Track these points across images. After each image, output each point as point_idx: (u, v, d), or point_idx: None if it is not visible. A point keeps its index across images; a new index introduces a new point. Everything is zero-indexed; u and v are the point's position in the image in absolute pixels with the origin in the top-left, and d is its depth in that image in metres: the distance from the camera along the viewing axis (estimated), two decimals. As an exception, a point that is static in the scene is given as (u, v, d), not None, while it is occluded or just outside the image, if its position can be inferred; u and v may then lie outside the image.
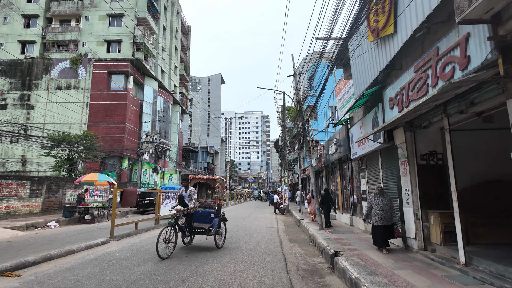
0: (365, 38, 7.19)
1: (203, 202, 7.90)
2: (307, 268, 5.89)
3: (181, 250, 7.08)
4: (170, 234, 6.29)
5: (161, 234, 6.05)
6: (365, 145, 8.57)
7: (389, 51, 6.19)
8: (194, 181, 8.04)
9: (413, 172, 6.50)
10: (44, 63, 28.76)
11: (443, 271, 4.91)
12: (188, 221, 6.87)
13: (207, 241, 7.93)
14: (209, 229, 7.11)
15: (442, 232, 5.79)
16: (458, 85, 3.71)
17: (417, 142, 6.56)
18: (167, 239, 6.19)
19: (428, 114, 5.74)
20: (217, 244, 7.29)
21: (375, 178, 8.86)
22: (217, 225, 7.22)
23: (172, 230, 6.38)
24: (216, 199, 7.71)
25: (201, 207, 7.74)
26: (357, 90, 8.21)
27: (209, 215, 7.47)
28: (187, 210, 6.71)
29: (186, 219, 6.85)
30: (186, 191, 7.09)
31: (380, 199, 6.50)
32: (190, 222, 6.94)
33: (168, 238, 6.23)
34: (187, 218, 6.85)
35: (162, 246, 6.03)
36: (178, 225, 6.62)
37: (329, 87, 15.28)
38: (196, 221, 7.35)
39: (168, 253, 6.18)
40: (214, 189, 7.92)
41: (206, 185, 8.28)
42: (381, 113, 7.31)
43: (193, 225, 7.11)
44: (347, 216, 11.86)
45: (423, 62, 5.25)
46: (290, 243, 8.68)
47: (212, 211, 7.52)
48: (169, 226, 6.37)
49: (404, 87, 5.96)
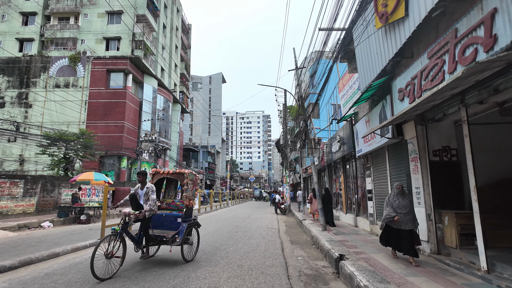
0: (372, 25, 6.69)
1: (171, 203, 6.42)
2: (310, 273, 5.41)
3: (136, 265, 5.57)
4: (114, 246, 4.76)
5: (99, 247, 4.53)
6: (372, 141, 8.07)
7: (399, 38, 5.70)
8: (158, 176, 6.39)
9: (425, 169, 6.00)
10: (42, 61, 28.40)
11: (463, 279, 4.41)
12: (143, 227, 5.38)
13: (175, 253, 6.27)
14: (173, 238, 5.57)
15: (458, 234, 5.29)
16: (486, 66, 3.23)
17: (429, 136, 6.06)
18: (109, 253, 4.66)
19: (442, 105, 5.24)
20: (185, 256, 5.79)
21: (381, 177, 8.36)
22: (184, 232, 5.74)
23: (118, 240, 4.87)
24: (184, 199, 6.11)
25: (167, 210, 6.31)
26: (363, 82, 7.71)
27: (175, 219, 5.94)
28: (139, 214, 5.21)
29: (141, 225, 5.39)
30: (143, 188, 5.63)
31: (401, 199, 5.51)
32: (146, 229, 5.41)
33: (111, 251, 4.69)
34: (142, 224, 5.38)
35: (101, 263, 4.59)
36: (129, 234, 5.12)
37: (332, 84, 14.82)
38: (160, 227, 5.92)
39: (110, 272, 4.68)
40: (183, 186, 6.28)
41: (176, 182, 6.75)
42: (389, 106, 6.81)
43: (153, 233, 5.56)
44: (351, 217, 11.36)
45: (438, 47, 4.75)
46: (291, 245, 8.20)
47: (180, 215, 5.99)
48: (113, 235, 4.82)
49: (415, 76, 5.47)
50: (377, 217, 8.70)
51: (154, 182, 6.29)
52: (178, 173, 6.27)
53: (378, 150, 8.31)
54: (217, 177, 60.86)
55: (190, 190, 6.25)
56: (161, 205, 6.37)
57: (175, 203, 6.35)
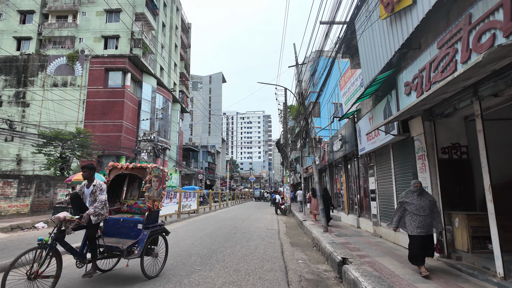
0: (376, 16, 6.35)
1: (133, 205, 5.40)
2: (311, 277, 5.07)
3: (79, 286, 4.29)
4: (42, 263, 3.68)
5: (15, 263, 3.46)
6: (375, 138, 7.72)
7: (406, 28, 5.35)
8: (116, 172, 5.20)
9: (433, 167, 5.65)
10: (40, 59, 28.10)
11: (477, 286, 4.07)
12: (88, 236, 4.30)
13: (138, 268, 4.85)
14: (130, 249, 4.47)
15: (470, 237, 4.94)
16: (509, 50, 2.88)
17: (437, 133, 5.71)
18: (33, 273, 3.59)
19: (453, 98, 4.89)
20: (146, 272, 4.63)
21: (385, 176, 8.02)
22: (145, 241, 4.61)
23: (49, 254, 3.78)
24: (146, 199, 4.93)
25: (129, 213, 5.28)
26: (367, 77, 7.37)
27: (135, 225, 4.81)
28: (80, 220, 4.11)
29: (86, 234, 4.33)
30: (89, 186, 4.48)
31: (419, 199, 4.74)
32: (93, 239, 4.32)
33: (36, 270, 3.62)
34: (87, 231, 4.31)
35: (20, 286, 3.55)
36: (67, 245, 4.04)
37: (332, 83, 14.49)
38: (116, 235, 4.80)
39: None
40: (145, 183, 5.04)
41: (141, 180, 5.49)
42: (394, 102, 6.46)
43: (104, 243, 4.48)
44: (353, 218, 11.02)
45: (449, 35, 4.40)
46: (291, 247, 7.85)
47: (141, 220, 4.84)
48: (39, 248, 3.72)
49: (424, 68, 5.12)
50: (381, 218, 8.36)
51: (111, 179, 5.20)
52: (140, 167, 5.12)
53: (382, 148, 7.96)
54: (217, 177, 60.53)
55: (155, 189, 5.09)
56: (122, 207, 5.46)
57: (138, 205, 5.39)
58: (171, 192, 13.64)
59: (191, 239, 8.61)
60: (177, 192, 14.52)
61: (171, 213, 13.29)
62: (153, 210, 5.01)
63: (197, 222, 13.35)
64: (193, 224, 12.77)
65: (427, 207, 4.68)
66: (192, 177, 45.88)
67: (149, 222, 4.92)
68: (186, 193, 15.97)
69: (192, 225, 12.23)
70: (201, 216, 16.58)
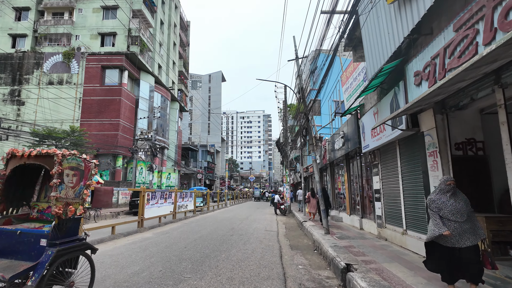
0: (382, 1, 5.84)
1: (45, 210, 3.90)
2: (312, 286, 4.58)
3: None
4: None
5: None
6: (381, 134, 7.22)
7: (417, 10, 4.85)
8: (16, 161, 3.61)
9: (446, 165, 5.15)
10: (36, 57, 27.64)
11: (502, 299, 3.57)
12: None
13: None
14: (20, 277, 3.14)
15: (489, 242, 4.43)
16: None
17: (450, 127, 5.21)
18: None
19: (470, 88, 4.39)
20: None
21: (391, 175, 7.51)
22: (45, 265, 3.09)
23: None
24: (53, 202, 3.38)
25: (38, 222, 3.83)
26: (371, 68, 6.86)
27: (36, 241, 3.28)
28: None
29: None
30: None
31: (454, 201, 3.68)
32: None
33: None
34: None
35: None
36: None
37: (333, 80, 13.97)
38: (8, 255, 3.31)
39: None
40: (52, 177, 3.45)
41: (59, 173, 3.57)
42: (402, 94, 5.96)
43: None
44: (356, 218, 10.51)
45: (469, 15, 3.90)
46: (291, 251, 7.35)
47: (45, 233, 3.31)
48: None
49: (437, 54, 4.61)
50: (386, 219, 7.86)
51: (9, 171, 3.61)
52: (46, 154, 3.51)
53: (388, 145, 7.45)
54: (217, 177, 60.03)
55: (71, 186, 3.56)
56: (31, 213, 3.94)
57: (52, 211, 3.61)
58: (166, 192, 13.14)
59: (185, 242, 8.11)
60: (172, 192, 14.02)
61: (166, 213, 12.79)
62: (66, 218, 3.44)
63: (193, 223, 12.85)
64: (189, 225, 12.27)
65: (464, 211, 3.61)
66: (191, 177, 45.38)
67: (58, 236, 3.37)
68: (182, 193, 15.49)
69: (188, 226, 11.73)
70: (198, 217, 16.09)
